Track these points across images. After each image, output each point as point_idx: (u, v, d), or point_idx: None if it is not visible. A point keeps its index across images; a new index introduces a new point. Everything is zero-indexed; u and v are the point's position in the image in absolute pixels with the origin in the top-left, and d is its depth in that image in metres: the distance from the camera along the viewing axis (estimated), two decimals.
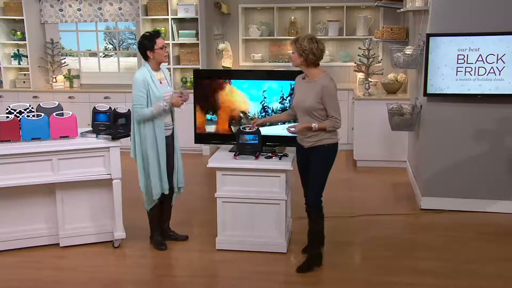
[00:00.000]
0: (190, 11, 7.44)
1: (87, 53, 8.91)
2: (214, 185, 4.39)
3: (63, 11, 8.05)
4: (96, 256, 4.35)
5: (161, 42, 4.27)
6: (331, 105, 3.85)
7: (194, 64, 7.57)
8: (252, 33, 8.00)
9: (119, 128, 4.48)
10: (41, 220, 4.47)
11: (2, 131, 4.17)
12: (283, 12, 8.03)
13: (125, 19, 8.01)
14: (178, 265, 4.22)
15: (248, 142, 4.31)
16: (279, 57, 8.09)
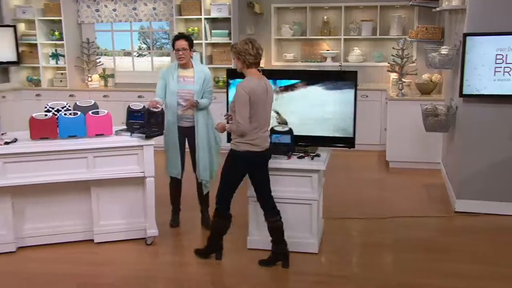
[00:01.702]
0: (223, 11, 7.46)
1: (122, 53, 9.04)
2: (245, 184, 4.39)
3: (99, 11, 8.19)
4: (129, 253, 4.39)
5: (177, 44, 4.58)
6: (236, 109, 3.83)
7: (226, 63, 7.60)
8: (285, 33, 7.97)
9: (153, 126, 4.51)
10: (77, 216, 4.53)
11: (41, 128, 4.25)
12: (316, 11, 7.97)
13: (159, 19, 8.09)
14: (209, 263, 4.23)
15: (280, 141, 4.29)
16: (312, 57, 8.04)
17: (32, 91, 8.13)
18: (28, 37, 8.13)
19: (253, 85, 3.83)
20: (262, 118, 3.92)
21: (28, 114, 4.51)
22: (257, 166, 4.04)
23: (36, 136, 4.26)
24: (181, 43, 4.58)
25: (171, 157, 4.78)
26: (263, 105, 3.91)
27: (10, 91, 7.98)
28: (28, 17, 7.99)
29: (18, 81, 8.25)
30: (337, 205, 5.35)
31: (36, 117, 4.26)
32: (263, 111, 3.92)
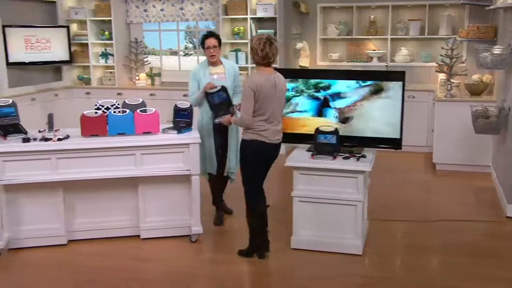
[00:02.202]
0: (269, 11, 7.47)
1: (168, 52, 9.18)
2: (289, 183, 4.38)
3: (147, 11, 8.34)
4: (173, 249, 4.45)
5: (208, 42, 4.73)
6: (242, 103, 3.98)
7: None
8: (330, 33, 7.91)
9: (221, 108, 4.55)
10: (124, 212, 4.63)
11: (91, 125, 4.36)
12: (363, 11, 7.87)
13: (205, 19, 8.17)
14: (252, 262, 4.24)
15: (326, 142, 4.26)
16: (357, 57, 7.95)
17: (82, 89, 8.37)
18: (80, 37, 8.37)
19: (260, 80, 3.91)
20: (271, 112, 3.99)
21: (78, 112, 4.65)
22: (263, 156, 4.10)
23: (87, 133, 4.37)
24: (211, 41, 4.72)
25: (207, 154, 4.86)
26: (271, 100, 3.96)
27: (62, 89, 8.24)
28: (80, 17, 8.23)
29: (70, 79, 8.50)
30: (382, 207, 5.26)
31: (87, 114, 4.38)
32: (271, 105, 3.98)
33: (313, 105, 4.49)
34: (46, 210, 4.45)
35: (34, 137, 4.33)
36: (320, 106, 4.47)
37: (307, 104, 4.50)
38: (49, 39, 7.80)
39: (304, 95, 4.50)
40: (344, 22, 7.89)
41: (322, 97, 4.46)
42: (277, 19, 7.44)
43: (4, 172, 4.20)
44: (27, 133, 4.37)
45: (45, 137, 4.33)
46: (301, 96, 4.50)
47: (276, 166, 6.88)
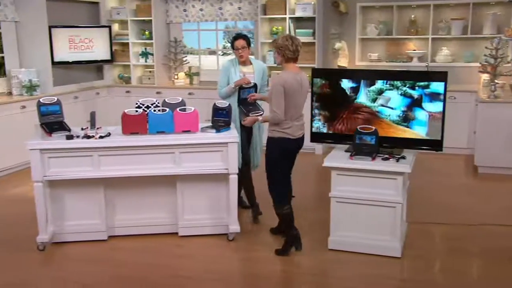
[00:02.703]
0: (308, 10, 7.44)
1: (207, 51, 9.25)
2: (326, 184, 4.35)
3: (187, 11, 8.43)
4: (211, 247, 4.49)
5: (237, 43, 4.93)
6: (272, 99, 4.14)
7: (310, 63, 7.56)
8: (370, 32, 7.82)
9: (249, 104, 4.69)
10: (163, 209, 4.69)
11: (132, 124, 4.44)
12: (403, 10, 7.74)
13: (244, 18, 8.21)
14: (289, 261, 4.24)
15: (365, 142, 4.22)
16: (397, 57, 7.83)
17: (122, 88, 8.53)
18: (121, 36, 8.53)
19: (288, 78, 4.12)
20: (295, 109, 4.19)
21: (118, 110, 4.73)
22: (289, 152, 4.29)
23: (128, 131, 4.45)
24: (240, 43, 4.93)
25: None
26: (297, 97, 4.17)
27: (103, 88, 8.43)
28: (122, 18, 8.39)
29: (111, 78, 8.69)
30: (421, 209, 5.18)
31: (128, 113, 4.46)
32: (297, 102, 4.19)
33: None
34: (88, 206, 4.55)
35: (77, 135, 4.43)
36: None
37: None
38: (91, 39, 7.99)
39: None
40: (383, 22, 7.79)
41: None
42: (316, 19, 7.41)
43: (49, 168, 4.31)
44: (71, 131, 4.48)
45: (87, 134, 4.43)
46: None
47: (313, 165, 6.91)
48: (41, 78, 7.25)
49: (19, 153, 6.49)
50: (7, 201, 5.73)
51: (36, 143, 4.29)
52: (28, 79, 7.07)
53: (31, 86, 7.05)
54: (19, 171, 6.74)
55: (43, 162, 4.28)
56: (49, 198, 4.48)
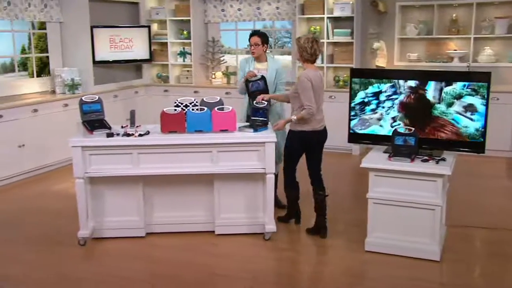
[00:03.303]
0: (346, 10, 7.39)
1: (244, 51, 9.27)
2: (362, 185, 4.32)
3: (225, 11, 8.49)
4: (246, 247, 4.51)
5: (251, 40, 5.14)
6: (303, 96, 4.41)
7: (348, 63, 7.51)
8: (409, 32, 7.70)
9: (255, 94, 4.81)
10: (200, 207, 4.74)
11: (171, 122, 4.50)
12: (444, 9, 7.60)
13: (282, 18, 8.21)
14: (324, 262, 4.23)
15: (404, 143, 4.16)
16: (437, 57, 7.69)
17: (160, 87, 8.65)
18: (160, 36, 8.66)
19: (311, 74, 4.47)
20: (317, 103, 4.50)
21: (156, 108, 4.80)
22: (310, 143, 4.59)
23: (166, 129, 4.51)
24: (254, 39, 5.12)
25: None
26: (319, 92, 4.52)
27: (142, 87, 8.58)
28: (161, 17, 8.52)
29: (149, 77, 8.83)
30: (461, 213, 5.07)
31: (167, 111, 4.52)
32: (319, 97, 4.52)
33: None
34: (127, 203, 4.64)
35: (117, 133, 4.52)
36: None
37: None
38: (131, 39, 8.14)
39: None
40: (423, 21, 7.66)
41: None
42: (354, 19, 7.35)
43: (90, 165, 4.42)
44: (111, 129, 4.57)
45: (127, 132, 4.51)
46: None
47: (350, 166, 6.86)
48: (82, 77, 7.43)
49: (61, 150, 6.70)
50: (49, 197, 5.90)
51: (78, 140, 4.39)
52: (71, 78, 7.25)
53: (73, 84, 7.23)
54: (61, 167, 6.92)
55: (85, 159, 4.39)
56: (89, 194, 4.59)
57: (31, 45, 7.42)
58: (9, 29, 7.08)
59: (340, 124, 7.11)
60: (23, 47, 7.45)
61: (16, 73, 7.29)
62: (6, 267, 4.20)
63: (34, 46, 7.46)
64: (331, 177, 6.00)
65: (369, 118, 4.49)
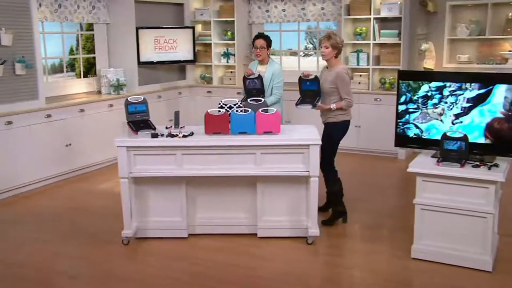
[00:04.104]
0: (394, 10, 7.27)
1: (288, 52, 9.27)
2: (409, 190, 4.23)
3: (269, 12, 8.50)
4: (289, 250, 4.49)
5: (255, 42, 5.37)
6: (343, 89, 4.82)
7: (394, 65, 7.39)
8: (460, 33, 7.50)
9: (253, 91, 4.98)
10: (243, 210, 4.75)
11: (214, 123, 4.53)
12: (499, 8, 7.34)
13: (327, 19, 8.15)
14: (368, 268, 4.16)
15: (453, 148, 4.06)
16: (489, 58, 7.45)
17: (204, 88, 8.74)
18: (204, 37, 8.75)
19: (347, 69, 4.92)
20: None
21: (199, 110, 4.85)
22: (346, 132, 4.96)
23: (210, 130, 4.55)
24: (259, 42, 5.33)
25: None
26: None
27: (185, 88, 8.69)
28: (205, 18, 8.60)
29: (193, 78, 8.93)
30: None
31: (211, 113, 4.55)
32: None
33: None
34: (170, 203, 4.70)
35: (161, 133, 4.58)
36: None
37: None
38: (175, 40, 8.25)
39: None
40: (476, 21, 7.44)
41: None
42: (402, 19, 7.21)
43: (134, 165, 4.50)
44: (156, 129, 4.64)
45: (171, 133, 4.57)
46: None
47: (396, 170, 6.74)
48: (127, 78, 7.58)
49: (106, 149, 6.87)
50: (94, 195, 6.04)
51: (123, 140, 4.48)
52: (116, 79, 7.41)
53: (118, 85, 7.39)
54: (106, 167, 7.09)
55: (129, 159, 4.47)
56: (133, 194, 4.67)
57: (79, 46, 7.63)
58: (59, 31, 7.31)
59: (386, 127, 7.04)
60: (71, 48, 7.67)
61: (64, 73, 7.52)
62: (55, 263, 4.33)
63: (82, 47, 7.67)
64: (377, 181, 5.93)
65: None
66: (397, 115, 4.49)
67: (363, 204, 5.52)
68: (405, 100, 4.42)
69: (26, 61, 5.98)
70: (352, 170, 6.78)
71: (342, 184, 5.07)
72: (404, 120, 4.44)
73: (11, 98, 5.92)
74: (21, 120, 5.97)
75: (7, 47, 5.82)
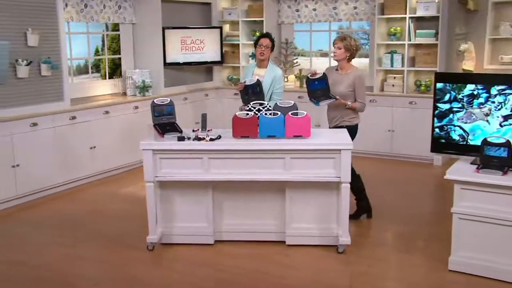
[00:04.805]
0: (431, 9, 7.19)
1: (318, 53, 9.25)
2: (445, 198, 4.18)
3: (299, 11, 8.51)
4: (319, 259, 4.48)
5: (262, 41, 5.29)
6: (361, 92, 5.02)
7: (430, 66, 7.31)
8: (503, 32, 7.36)
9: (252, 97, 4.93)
10: (270, 216, 4.76)
11: (242, 127, 4.55)
12: None
13: (360, 19, 8.12)
14: (402, 279, 4.11)
15: (495, 155, 3.99)
16: None
17: (231, 90, 8.76)
18: (232, 37, 8.81)
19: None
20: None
21: (226, 112, 4.88)
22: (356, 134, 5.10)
23: (238, 134, 4.57)
24: (265, 41, 5.29)
25: None
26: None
27: (212, 90, 8.75)
28: (233, 18, 8.66)
29: (220, 80, 8.99)
30: None
31: (239, 115, 4.58)
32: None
33: None
34: (196, 209, 4.74)
35: (188, 136, 4.62)
36: None
37: None
38: (203, 40, 8.32)
39: None
40: None
41: None
42: (439, 18, 7.13)
43: (160, 169, 4.55)
44: (182, 132, 4.68)
45: (198, 136, 4.61)
46: None
47: (432, 177, 6.66)
48: (153, 79, 7.68)
49: (131, 153, 6.97)
50: (118, 199, 6.14)
51: (149, 143, 4.54)
52: (141, 80, 7.52)
53: (144, 86, 7.49)
54: (130, 170, 7.19)
55: (155, 162, 4.53)
56: (159, 199, 4.72)
57: (104, 46, 7.77)
58: (84, 31, 7.46)
59: (421, 132, 6.96)
60: (97, 49, 7.81)
61: (89, 74, 7.66)
62: (80, 267, 4.41)
63: (107, 48, 7.80)
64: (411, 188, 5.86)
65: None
66: (434, 118, 4.44)
67: (397, 212, 5.47)
68: (449, 98, 4.35)
69: (52, 62, 6.12)
70: (385, 176, 6.73)
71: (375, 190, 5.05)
72: (447, 120, 4.38)
73: (36, 100, 6.06)
74: (46, 122, 6.11)
75: (33, 47, 5.96)
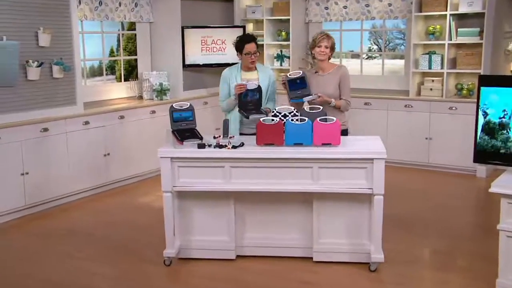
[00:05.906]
0: (476, 5, 7.13)
1: (349, 55, 9.26)
2: (491, 213, 4.14)
3: (328, 9, 8.54)
4: (349, 277, 4.47)
5: (248, 48, 5.09)
6: (347, 90, 5.09)
7: (474, 68, 7.26)
8: None
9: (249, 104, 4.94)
10: (296, 230, 4.77)
11: (267, 134, 4.56)
12: None
13: (395, 17, 8.11)
14: None
15: None
16: None
17: None
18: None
19: None
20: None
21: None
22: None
23: (262, 141, 4.58)
24: (252, 46, 5.12)
25: None
26: None
27: None
28: (257, 17, 8.73)
29: None
30: None
31: (264, 121, 4.60)
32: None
33: None
34: (217, 221, 4.78)
35: (209, 143, 4.66)
36: None
37: None
38: (224, 40, 8.38)
39: None
40: None
41: None
42: (485, 15, 7.04)
43: (178, 178, 4.60)
44: (203, 139, 4.72)
45: (219, 143, 4.64)
46: None
47: (474, 190, 6.60)
48: (171, 82, 7.77)
49: (147, 160, 7.05)
50: (133, 210, 6.22)
51: (167, 151, 4.59)
52: (159, 83, 7.61)
53: (161, 90, 7.58)
54: (147, 179, 7.27)
55: (173, 171, 4.58)
56: (177, 210, 4.77)
57: (119, 47, 7.89)
58: (99, 31, 7.59)
59: (462, 140, 6.91)
60: (112, 50, 7.94)
61: (103, 76, 7.78)
62: (92, 283, 4.48)
63: (123, 48, 7.92)
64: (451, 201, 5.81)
65: None
66: (477, 125, 4.40)
67: (435, 227, 5.44)
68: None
69: (64, 63, 6.24)
70: (422, 188, 6.69)
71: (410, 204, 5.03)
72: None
73: (47, 103, 6.19)
74: (58, 127, 6.22)
75: (45, 48, 6.09)
